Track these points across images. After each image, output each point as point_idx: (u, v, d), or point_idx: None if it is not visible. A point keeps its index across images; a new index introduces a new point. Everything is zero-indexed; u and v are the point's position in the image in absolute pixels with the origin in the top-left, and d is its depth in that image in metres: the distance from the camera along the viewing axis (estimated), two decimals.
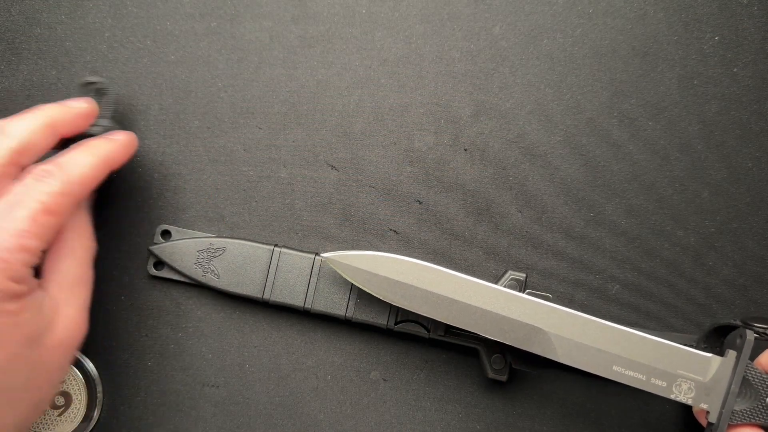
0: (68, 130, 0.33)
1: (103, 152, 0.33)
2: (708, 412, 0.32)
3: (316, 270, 0.36)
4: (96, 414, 0.37)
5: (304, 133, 0.39)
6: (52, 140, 0.32)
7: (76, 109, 0.34)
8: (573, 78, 0.39)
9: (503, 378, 0.35)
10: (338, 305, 0.36)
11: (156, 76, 0.39)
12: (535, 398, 0.37)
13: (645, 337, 0.32)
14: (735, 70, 0.38)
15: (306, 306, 0.36)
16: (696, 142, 0.38)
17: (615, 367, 0.32)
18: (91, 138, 0.34)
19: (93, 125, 0.35)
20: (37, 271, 0.31)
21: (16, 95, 0.39)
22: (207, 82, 0.39)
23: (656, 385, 0.31)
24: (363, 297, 0.36)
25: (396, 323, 0.36)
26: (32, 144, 0.31)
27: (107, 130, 0.35)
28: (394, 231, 0.38)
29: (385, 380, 0.38)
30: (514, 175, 0.38)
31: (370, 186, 0.39)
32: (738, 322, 0.32)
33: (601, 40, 0.39)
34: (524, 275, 0.36)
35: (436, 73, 0.39)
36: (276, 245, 0.37)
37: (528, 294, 0.35)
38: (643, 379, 0.32)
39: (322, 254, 0.35)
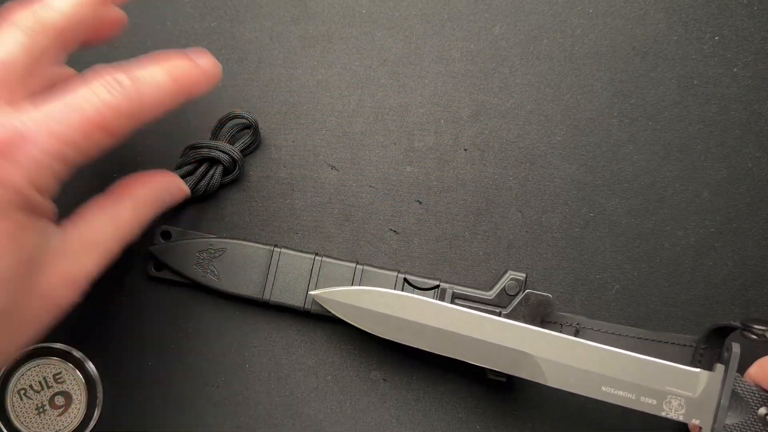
0: None
1: (183, 77, 0.28)
2: (701, 428, 0.31)
3: (316, 270, 0.36)
4: (96, 414, 0.37)
5: (304, 133, 0.39)
6: (97, 15, 0.28)
7: None
8: (573, 78, 0.39)
9: (503, 378, 0.35)
10: None
11: None
12: (535, 398, 0.37)
13: (632, 356, 0.32)
14: (735, 70, 0.38)
15: (306, 306, 0.36)
16: (696, 142, 0.38)
17: (604, 388, 0.32)
18: (171, 54, 0.28)
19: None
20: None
21: None
22: None
23: (646, 404, 0.31)
24: None
25: None
26: (80, 18, 0.27)
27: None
28: (394, 231, 0.38)
29: (385, 380, 0.38)
30: (514, 175, 0.38)
31: (370, 186, 0.39)
32: (737, 324, 0.32)
33: (601, 40, 0.39)
34: (524, 275, 0.36)
35: (436, 73, 0.39)
36: (276, 245, 0.37)
37: (528, 294, 0.35)
38: (633, 398, 0.31)
39: (310, 291, 0.36)
